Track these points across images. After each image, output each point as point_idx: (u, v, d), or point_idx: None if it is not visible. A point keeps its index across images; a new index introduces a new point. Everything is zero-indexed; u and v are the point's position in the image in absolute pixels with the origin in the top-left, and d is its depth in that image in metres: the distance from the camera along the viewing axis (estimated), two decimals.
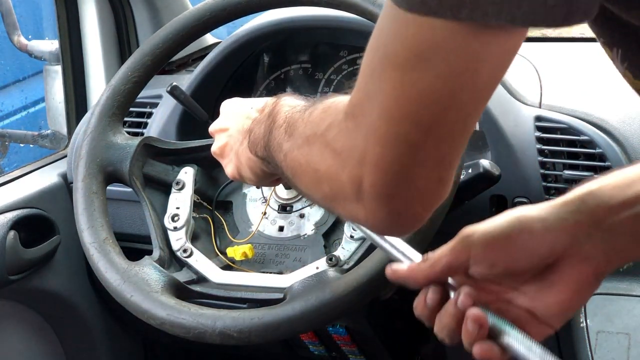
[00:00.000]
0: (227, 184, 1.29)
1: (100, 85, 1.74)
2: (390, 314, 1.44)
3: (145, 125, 1.55)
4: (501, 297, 0.73)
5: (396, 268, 0.76)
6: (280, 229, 1.24)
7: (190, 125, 1.47)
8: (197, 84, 1.49)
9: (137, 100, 1.30)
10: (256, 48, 1.53)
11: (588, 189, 0.72)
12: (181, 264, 1.20)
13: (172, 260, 1.20)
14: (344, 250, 1.14)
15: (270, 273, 1.20)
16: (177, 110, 1.49)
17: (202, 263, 1.18)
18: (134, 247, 1.32)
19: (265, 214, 1.25)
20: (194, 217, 1.24)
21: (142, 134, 1.51)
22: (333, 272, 1.08)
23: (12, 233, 1.47)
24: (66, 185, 1.61)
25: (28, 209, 1.53)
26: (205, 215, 1.27)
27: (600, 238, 0.70)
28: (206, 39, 1.82)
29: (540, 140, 1.27)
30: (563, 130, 1.27)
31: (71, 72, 1.74)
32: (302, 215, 1.23)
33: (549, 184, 1.25)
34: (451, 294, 0.73)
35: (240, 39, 1.48)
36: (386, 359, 1.52)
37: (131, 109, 1.41)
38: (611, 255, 0.71)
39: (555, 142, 1.27)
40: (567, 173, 1.24)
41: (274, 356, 1.76)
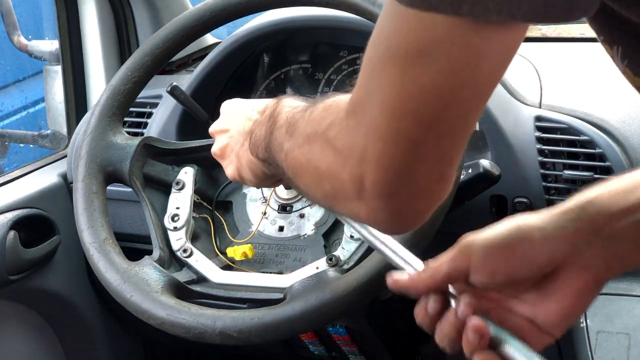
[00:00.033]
0: (227, 184, 1.29)
1: (100, 85, 1.74)
2: (390, 314, 1.43)
3: (145, 125, 1.55)
4: (502, 305, 0.73)
5: (397, 278, 0.76)
6: (280, 229, 1.24)
7: (190, 125, 1.47)
8: (197, 84, 1.49)
9: (137, 100, 1.30)
10: (256, 48, 1.53)
11: (588, 197, 0.72)
12: (181, 264, 1.20)
13: (172, 260, 1.20)
14: (344, 250, 1.14)
15: (270, 273, 1.19)
16: (177, 110, 1.49)
17: (202, 263, 1.18)
18: (134, 247, 1.32)
19: (265, 214, 1.25)
20: (194, 217, 1.24)
21: (142, 134, 1.51)
22: (333, 272, 1.08)
23: (12, 233, 1.47)
24: (66, 185, 1.61)
25: (28, 209, 1.53)
26: (205, 215, 1.27)
27: (600, 246, 0.70)
28: (206, 39, 1.82)
29: (540, 140, 1.27)
30: (563, 130, 1.27)
31: (71, 72, 1.74)
32: (302, 215, 1.23)
33: (549, 184, 1.25)
34: (452, 302, 0.73)
35: (240, 39, 1.48)
36: (386, 359, 1.52)
37: (131, 109, 1.41)
38: (612, 263, 0.70)
39: (555, 142, 1.27)
40: (567, 173, 1.24)
41: (274, 356, 1.76)
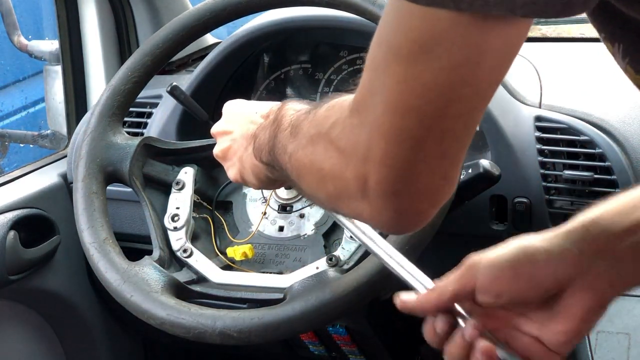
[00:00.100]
0: (227, 184, 1.29)
1: (100, 85, 1.74)
2: (390, 314, 1.43)
3: (145, 125, 1.54)
4: (509, 324, 0.74)
5: (405, 299, 0.77)
6: (280, 229, 1.24)
7: (190, 125, 1.46)
8: (197, 84, 1.49)
9: (137, 100, 1.30)
10: (256, 48, 1.53)
11: (591, 217, 0.72)
12: (181, 264, 1.20)
13: (172, 260, 1.20)
14: (344, 250, 1.14)
15: (270, 273, 1.19)
16: (177, 110, 1.49)
17: (202, 263, 1.18)
18: (134, 247, 1.32)
19: (265, 214, 1.25)
20: (194, 217, 1.24)
21: (142, 134, 1.51)
22: (333, 272, 1.08)
23: (12, 233, 1.47)
24: (66, 185, 1.61)
25: (28, 209, 1.53)
26: (205, 215, 1.27)
27: (604, 266, 0.70)
28: (206, 39, 1.82)
29: (540, 140, 1.27)
30: (563, 130, 1.26)
31: (71, 72, 1.74)
32: (302, 215, 1.23)
33: (549, 184, 1.25)
34: (459, 321, 0.74)
35: (240, 39, 1.48)
36: (386, 359, 1.52)
37: (131, 109, 1.41)
38: (616, 283, 0.71)
39: (555, 142, 1.27)
40: (567, 173, 1.24)
41: (274, 356, 1.76)
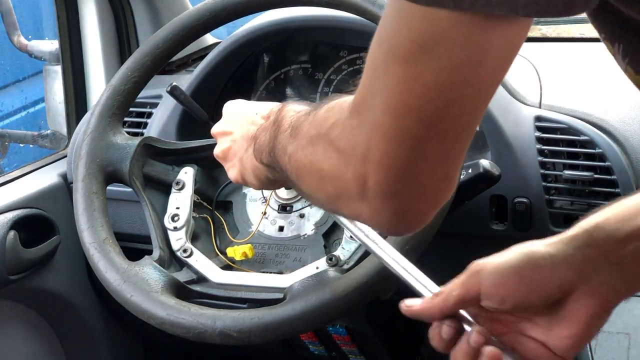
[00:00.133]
0: (227, 184, 1.29)
1: (100, 85, 1.74)
2: (390, 314, 1.43)
3: (145, 125, 1.54)
4: (514, 328, 0.74)
5: (410, 304, 0.78)
6: (280, 229, 1.24)
7: (190, 125, 1.46)
8: (197, 84, 1.49)
9: (137, 100, 1.30)
10: (256, 48, 1.53)
11: (595, 222, 0.72)
12: (181, 264, 1.20)
13: (172, 260, 1.20)
14: (344, 250, 1.14)
15: (270, 273, 1.19)
16: (177, 110, 1.49)
17: (202, 263, 1.18)
18: (134, 247, 1.32)
19: (265, 214, 1.25)
20: (194, 217, 1.24)
21: (142, 134, 1.51)
22: (333, 272, 1.08)
23: (12, 233, 1.47)
24: (66, 185, 1.61)
25: (28, 209, 1.53)
26: (205, 215, 1.27)
27: (608, 272, 0.70)
28: (206, 39, 1.82)
29: (540, 140, 1.27)
30: (563, 130, 1.26)
31: (71, 72, 1.74)
32: (302, 215, 1.23)
33: (549, 184, 1.25)
34: (465, 326, 0.74)
35: (240, 39, 1.48)
36: (386, 359, 1.52)
37: (131, 109, 1.41)
38: (620, 288, 0.71)
39: (555, 142, 1.27)
40: (567, 173, 1.24)
41: (274, 356, 1.76)
